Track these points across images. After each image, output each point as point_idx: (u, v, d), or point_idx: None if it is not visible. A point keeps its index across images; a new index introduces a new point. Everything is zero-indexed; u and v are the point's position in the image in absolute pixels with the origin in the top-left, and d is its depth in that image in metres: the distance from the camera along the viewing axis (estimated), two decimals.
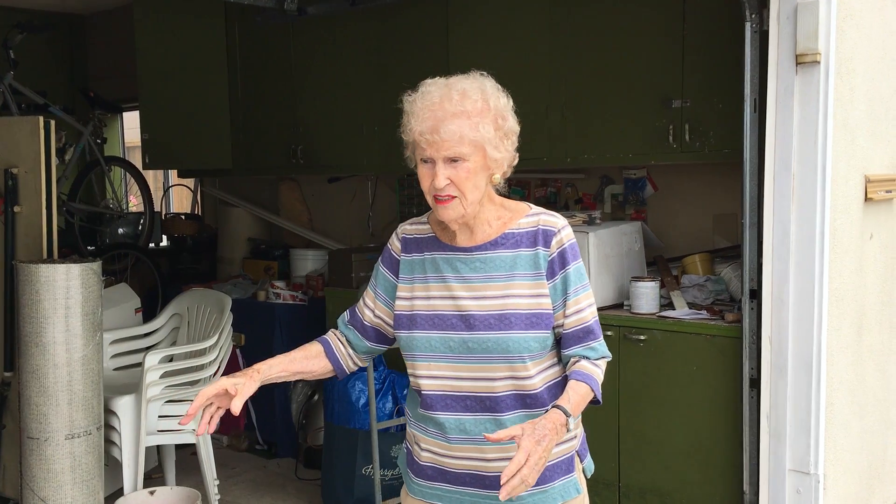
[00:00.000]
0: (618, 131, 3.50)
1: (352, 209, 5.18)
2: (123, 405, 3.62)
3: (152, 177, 7.12)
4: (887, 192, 3.13)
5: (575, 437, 1.85)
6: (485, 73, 1.77)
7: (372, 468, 3.61)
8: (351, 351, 1.95)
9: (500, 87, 1.76)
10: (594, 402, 1.78)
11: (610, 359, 1.84)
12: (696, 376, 3.11)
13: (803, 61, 2.70)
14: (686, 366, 3.12)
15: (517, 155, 1.79)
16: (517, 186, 4.36)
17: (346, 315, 1.97)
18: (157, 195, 6.44)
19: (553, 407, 1.65)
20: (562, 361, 1.84)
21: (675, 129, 3.34)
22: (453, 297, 1.79)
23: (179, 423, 1.77)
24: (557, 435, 1.59)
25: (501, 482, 1.51)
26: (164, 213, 6.36)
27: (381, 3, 3.92)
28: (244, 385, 1.72)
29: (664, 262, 3.67)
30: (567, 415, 1.64)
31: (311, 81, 4.64)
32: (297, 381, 4.39)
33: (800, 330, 2.78)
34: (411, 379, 1.86)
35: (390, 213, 4.89)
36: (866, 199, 2.99)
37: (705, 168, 3.71)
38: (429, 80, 1.76)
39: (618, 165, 3.94)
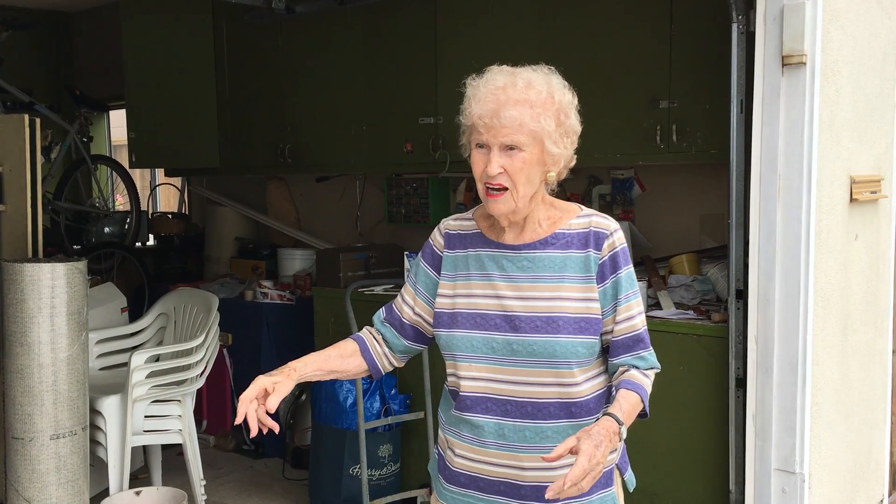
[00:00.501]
0: (605, 132, 3.51)
1: (340, 209, 5.17)
2: (109, 405, 3.60)
3: (139, 175, 7.09)
4: (872, 192, 3.15)
5: (616, 449, 1.77)
6: (553, 68, 1.73)
7: (359, 468, 3.61)
8: (387, 350, 1.88)
9: (566, 84, 1.72)
10: (641, 415, 1.71)
11: (659, 370, 1.77)
12: (683, 376, 3.12)
13: (789, 62, 2.71)
14: (673, 365, 3.13)
15: (575, 157, 1.74)
16: None
17: (381, 312, 1.91)
18: (143, 194, 6.41)
19: (604, 415, 1.59)
20: (608, 371, 1.77)
21: (662, 130, 3.35)
22: (498, 297, 1.73)
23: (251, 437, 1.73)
24: (611, 443, 1.53)
25: (566, 485, 1.44)
26: (150, 211, 6.33)
27: (369, 2, 3.92)
28: (281, 383, 1.66)
29: (651, 262, 3.68)
30: (619, 423, 1.58)
31: (299, 80, 4.63)
32: None
33: (785, 330, 2.79)
34: (450, 378, 1.80)
35: (378, 212, 4.89)
36: (851, 199, 3.01)
37: (692, 168, 3.72)
38: (495, 67, 1.72)
39: (605, 165, 3.95)
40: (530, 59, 4.07)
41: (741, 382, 2.93)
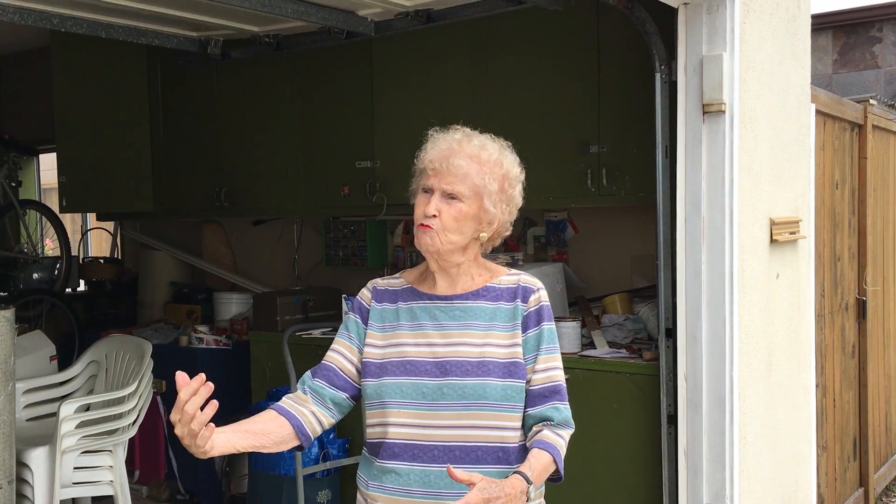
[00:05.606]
0: (538, 175, 3.55)
1: (277, 252, 5.15)
2: (37, 457, 3.49)
3: (70, 220, 6.94)
4: (791, 233, 3.30)
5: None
6: (510, 144, 1.88)
7: None
8: (319, 416, 1.82)
9: (519, 161, 1.86)
10: (556, 478, 1.75)
11: (573, 430, 1.83)
12: (616, 413, 3.18)
13: (710, 110, 2.84)
14: (607, 403, 3.19)
15: (511, 228, 1.87)
16: None
17: (311, 380, 1.85)
18: (74, 238, 6.28)
19: (514, 473, 1.64)
20: (524, 425, 1.80)
21: (592, 174, 3.45)
22: (430, 345, 1.80)
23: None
24: (516, 500, 1.58)
25: None
26: (81, 256, 6.19)
27: (306, 48, 3.96)
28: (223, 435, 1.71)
29: (585, 302, 3.77)
30: (528, 482, 1.63)
31: (234, 124, 4.63)
32: None
33: (713, 367, 2.88)
34: (374, 430, 1.80)
35: (316, 255, 4.88)
36: (772, 240, 3.14)
37: (623, 210, 3.84)
38: (458, 126, 1.85)
39: (539, 208, 4.04)
40: (465, 106, 4.17)
41: (672, 419, 3.00)
